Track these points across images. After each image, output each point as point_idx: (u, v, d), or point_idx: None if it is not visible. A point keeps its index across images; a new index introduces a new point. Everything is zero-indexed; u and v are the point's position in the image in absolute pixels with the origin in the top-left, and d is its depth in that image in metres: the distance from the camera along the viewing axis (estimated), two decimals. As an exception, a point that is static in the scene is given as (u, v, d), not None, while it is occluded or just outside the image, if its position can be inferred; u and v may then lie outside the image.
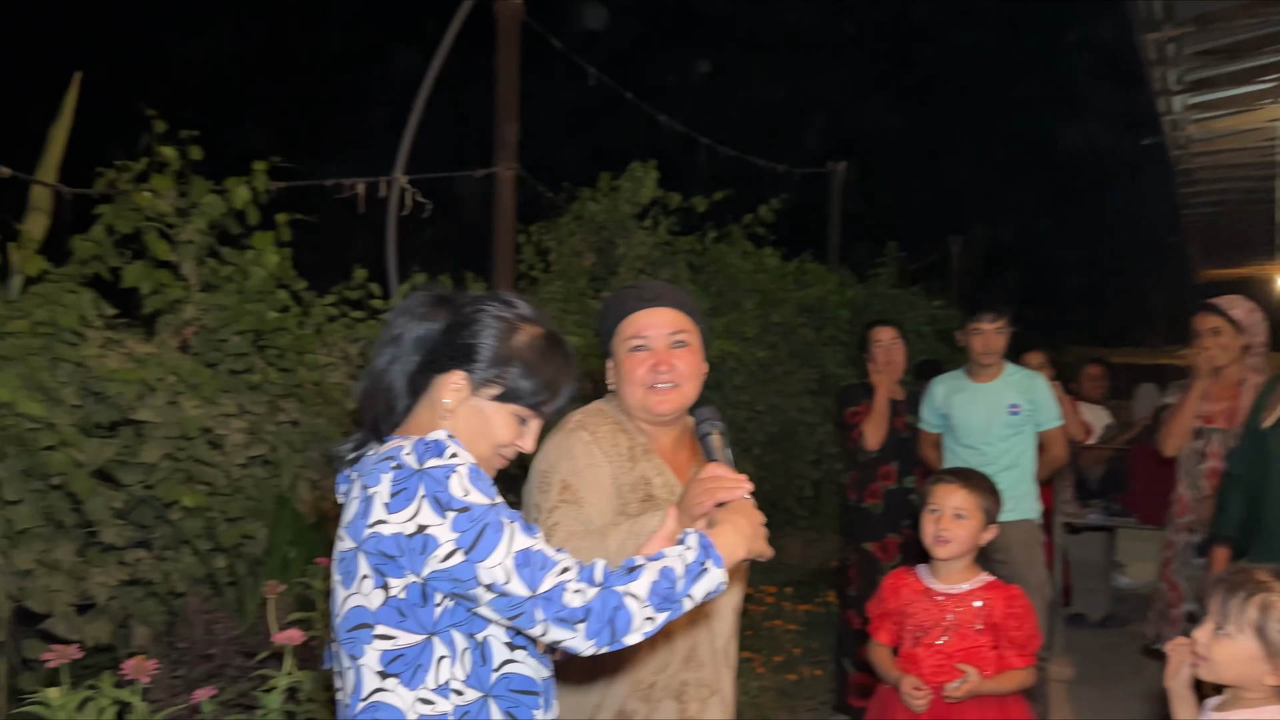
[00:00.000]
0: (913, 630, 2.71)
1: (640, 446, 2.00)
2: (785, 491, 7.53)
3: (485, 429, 1.57)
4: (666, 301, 2.02)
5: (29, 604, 2.94)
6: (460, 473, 1.45)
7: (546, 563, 1.43)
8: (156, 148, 3.76)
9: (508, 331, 1.59)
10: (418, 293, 1.64)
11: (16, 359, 2.97)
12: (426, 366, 1.59)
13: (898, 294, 9.94)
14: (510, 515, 1.46)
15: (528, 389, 1.57)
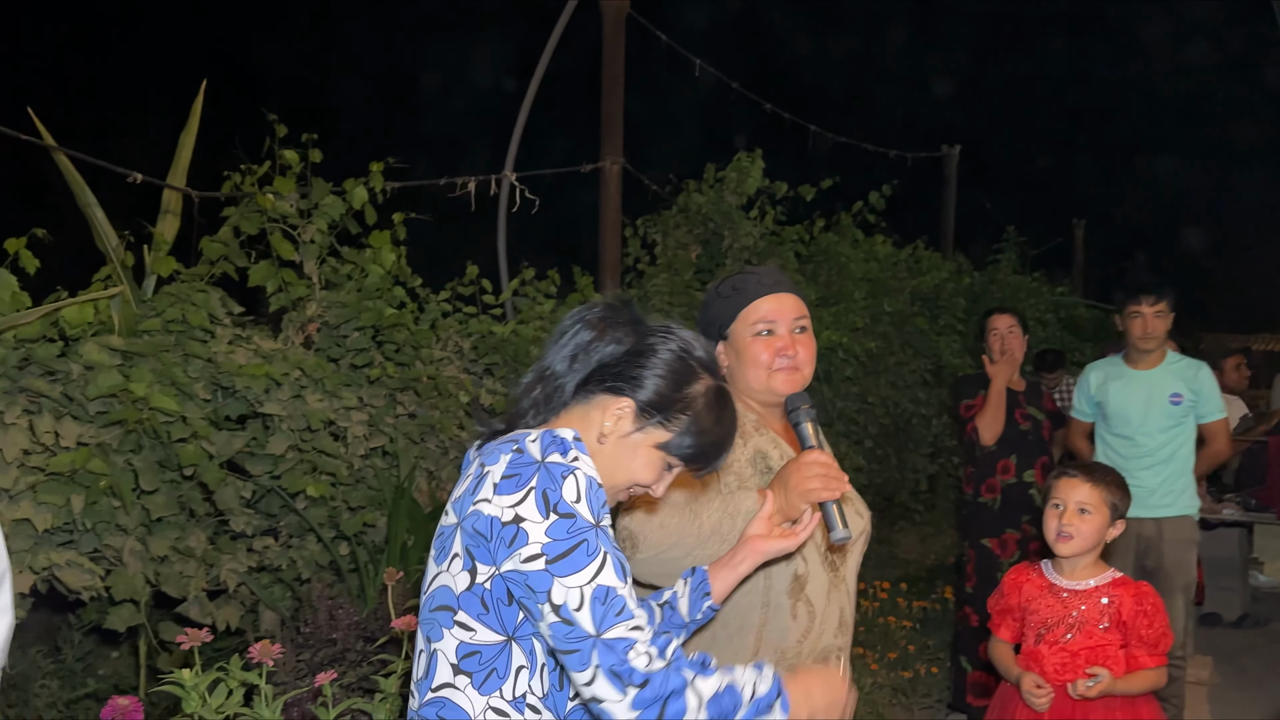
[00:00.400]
0: (1035, 627, 2.63)
1: (751, 422, 2.02)
2: (899, 485, 7.39)
3: (630, 464, 1.52)
4: (788, 288, 2.07)
5: (165, 589, 3.09)
6: (578, 478, 1.39)
7: (625, 611, 1.35)
8: (279, 151, 3.91)
9: (686, 377, 1.52)
10: (600, 304, 1.59)
11: (151, 356, 3.13)
12: (594, 381, 1.53)
13: (1018, 281, 9.63)
14: (609, 546, 1.39)
15: (689, 445, 1.52)
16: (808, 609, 1.92)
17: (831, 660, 1.94)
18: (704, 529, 1.83)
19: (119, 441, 3.02)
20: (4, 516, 2.77)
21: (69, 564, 2.88)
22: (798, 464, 1.84)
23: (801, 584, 1.92)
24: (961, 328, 8.25)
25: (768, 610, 1.90)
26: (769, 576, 1.90)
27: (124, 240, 3.49)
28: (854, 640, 4.69)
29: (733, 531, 1.82)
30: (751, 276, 2.07)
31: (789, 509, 1.84)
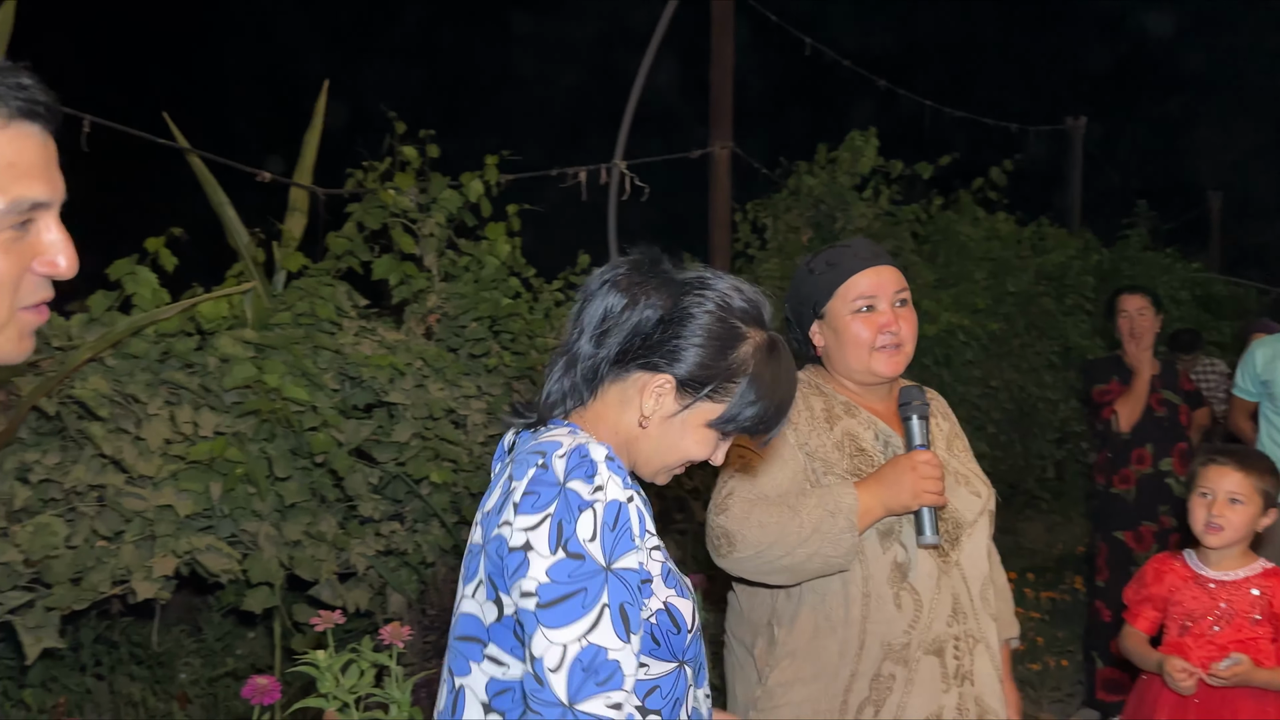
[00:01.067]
0: (1179, 619, 2.51)
1: (841, 405, 1.94)
2: (1025, 473, 7.14)
3: (680, 444, 1.35)
4: (886, 260, 1.97)
5: (298, 572, 3.21)
6: (597, 512, 1.20)
7: (611, 680, 1.16)
8: (398, 147, 4.00)
9: (730, 340, 1.32)
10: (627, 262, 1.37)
11: (282, 348, 3.24)
12: (629, 356, 1.33)
13: (1149, 257, 9.18)
14: (621, 592, 1.19)
15: (746, 416, 1.33)
16: (913, 597, 1.84)
17: (948, 651, 1.85)
18: (804, 527, 1.75)
19: (254, 430, 3.15)
20: (149, 502, 2.92)
21: (209, 548, 3.02)
22: (913, 465, 1.79)
23: (902, 571, 1.84)
24: (1090, 307, 7.91)
25: (869, 601, 1.83)
26: (866, 566, 1.83)
27: (255, 237, 3.63)
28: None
29: (833, 529, 1.75)
30: (847, 250, 1.97)
31: (894, 507, 1.80)
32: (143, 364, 3.05)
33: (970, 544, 1.92)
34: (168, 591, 2.99)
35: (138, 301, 3.10)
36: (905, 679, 1.82)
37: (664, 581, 1.30)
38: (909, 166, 6.41)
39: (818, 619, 1.84)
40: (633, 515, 1.24)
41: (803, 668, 1.84)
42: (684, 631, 1.30)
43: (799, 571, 1.78)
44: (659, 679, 1.29)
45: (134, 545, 2.94)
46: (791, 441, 1.87)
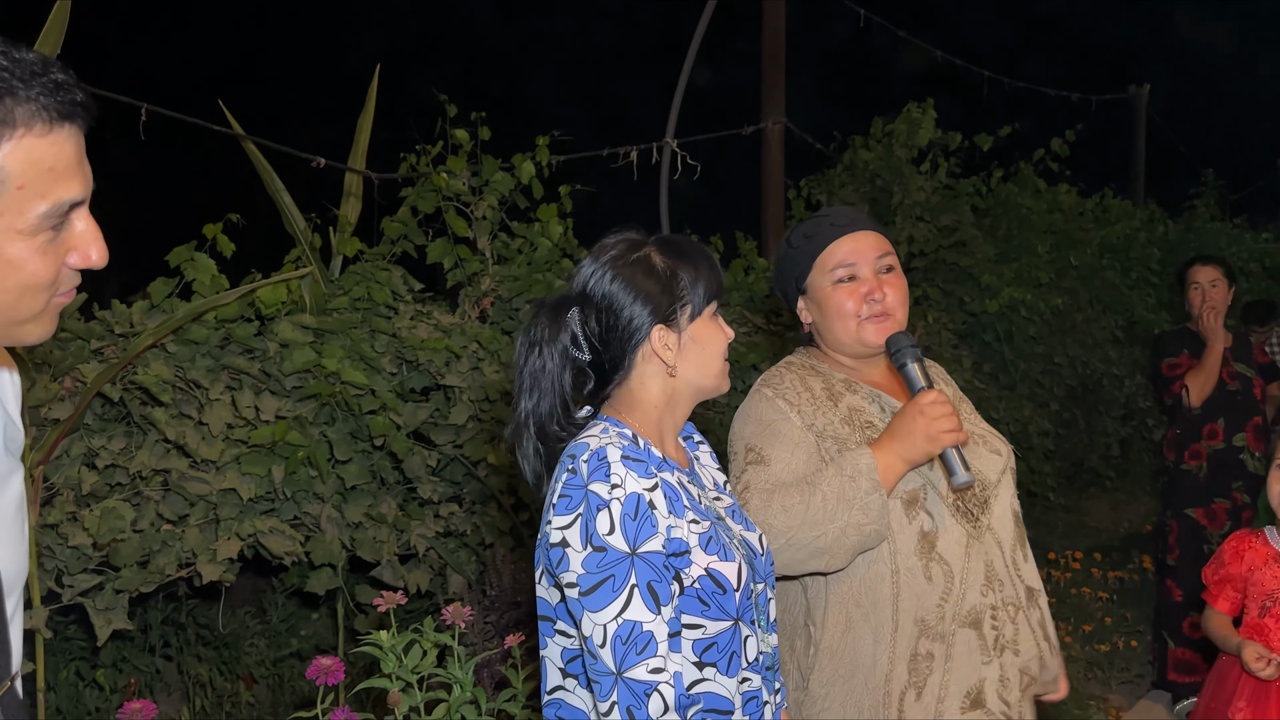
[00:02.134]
0: (1259, 599, 2.42)
1: (841, 382, 1.87)
2: (1089, 450, 6.98)
3: (708, 350, 1.53)
4: (865, 224, 1.88)
5: (360, 553, 3.24)
6: (613, 509, 1.38)
7: (649, 648, 1.35)
8: (450, 131, 4.00)
9: (646, 266, 1.50)
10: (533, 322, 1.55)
11: (340, 332, 3.26)
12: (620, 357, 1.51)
13: (1217, 228, 8.89)
14: (647, 572, 1.38)
15: (703, 288, 1.51)
16: (943, 568, 1.74)
17: (985, 622, 1.76)
18: (829, 500, 1.68)
19: (314, 414, 3.17)
20: (212, 486, 2.95)
21: (272, 531, 3.05)
22: (919, 409, 1.70)
23: (930, 541, 1.75)
24: (1156, 280, 7.69)
25: (898, 577, 1.74)
26: (893, 539, 1.74)
27: (311, 223, 3.65)
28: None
29: (857, 493, 1.67)
30: (824, 219, 1.89)
31: (914, 458, 1.71)
32: (203, 349, 3.08)
33: (998, 505, 1.83)
34: (232, 574, 3.03)
35: (197, 288, 3.13)
36: (944, 655, 1.74)
37: (704, 549, 1.44)
38: (967, 139, 6.27)
39: (848, 607, 1.76)
40: (658, 501, 1.41)
41: (840, 664, 1.76)
42: (731, 591, 1.44)
43: (835, 550, 1.69)
44: (715, 636, 1.44)
45: (198, 528, 2.99)
46: (799, 424, 1.79)
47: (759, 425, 1.82)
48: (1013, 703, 1.79)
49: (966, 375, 5.68)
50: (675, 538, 1.42)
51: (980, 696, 1.76)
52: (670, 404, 1.54)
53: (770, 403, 1.83)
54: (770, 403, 1.83)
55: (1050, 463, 6.26)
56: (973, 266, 5.95)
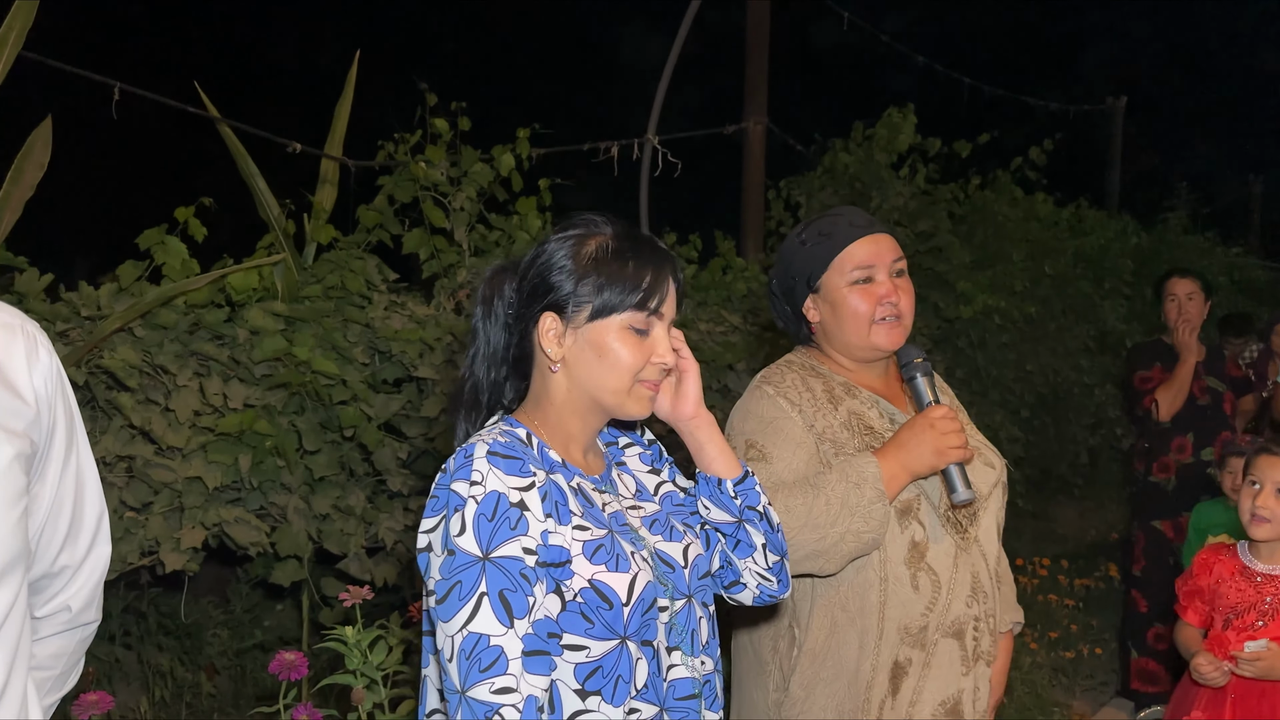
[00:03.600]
0: (1224, 612, 2.44)
1: (841, 385, 1.86)
2: (1058, 458, 7.03)
3: (604, 360, 1.37)
4: (882, 228, 1.88)
5: (326, 545, 3.20)
6: (466, 510, 1.27)
7: (495, 665, 1.22)
8: (430, 120, 3.95)
9: (576, 248, 1.39)
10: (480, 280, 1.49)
11: (312, 321, 3.22)
12: (514, 331, 1.43)
13: (1190, 241, 8.99)
14: (499, 579, 1.25)
15: (616, 293, 1.36)
16: (930, 578, 1.75)
17: (968, 633, 1.77)
18: (832, 504, 1.67)
19: (283, 403, 3.12)
20: (178, 473, 2.90)
21: (237, 521, 3.01)
22: (929, 423, 1.70)
23: (921, 551, 1.75)
24: (1128, 291, 7.76)
25: (886, 585, 1.74)
26: (884, 548, 1.74)
27: (285, 209, 3.60)
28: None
29: (860, 501, 1.67)
30: (840, 218, 1.87)
31: (919, 470, 1.71)
32: (172, 335, 3.03)
33: (986, 519, 1.84)
34: (196, 563, 2.98)
35: (167, 272, 3.08)
36: (921, 663, 1.75)
37: (588, 558, 1.32)
38: (946, 145, 6.29)
39: (834, 611, 1.76)
40: (531, 501, 1.29)
41: (823, 668, 1.76)
42: (618, 606, 1.31)
43: (833, 555, 1.69)
44: (600, 659, 1.31)
45: (162, 516, 2.93)
46: (800, 424, 1.79)
47: (760, 422, 1.81)
48: (980, 712, 1.80)
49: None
50: (554, 545, 1.30)
51: (957, 707, 1.77)
52: (571, 407, 1.42)
53: (772, 400, 1.82)
54: (772, 400, 1.82)
55: (1019, 469, 6.30)
56: (948, 272, 5.97)
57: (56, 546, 1.30)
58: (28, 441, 1.19)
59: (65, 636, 1.34)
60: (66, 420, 1.28)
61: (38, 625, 1.31)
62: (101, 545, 1.35)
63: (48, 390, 1.23)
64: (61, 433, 1.26)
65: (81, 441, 1.31)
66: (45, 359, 1.24)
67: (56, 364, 1.26)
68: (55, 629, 1.33)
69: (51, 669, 1.33)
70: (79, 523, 1.31)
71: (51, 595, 1.32)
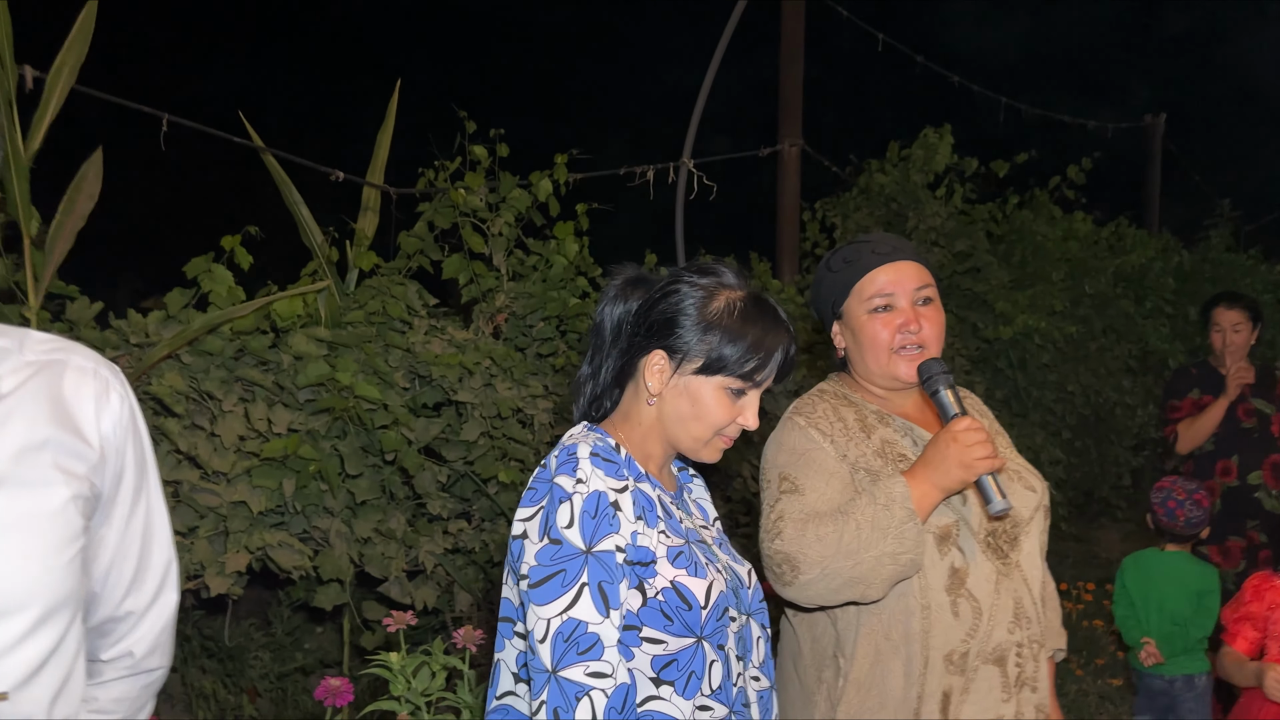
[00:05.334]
0: (1278, 638, 2.40)
1: (874, 414, 1.84)
2: (1100, 480, 6.93)
3: (696, 409, 1.47)
4: (907, 254, 1.85)
5: (368, 569, 3.22)
6: (574, 503, 1.36)
7: (592, 650, 1.31)
8: (469, 147, 4.00)
9: (705, 300, 1.47)
10: (612, 277, 1.57)
11: (355, 346, 3.25)
12: (627, 351, 1.52)
13: (1232, 259, 8.84)
14: (599, 571, 1.34)
15: (733, 356, 1.45)
16: (971, 604, 1.72)
17: (1009, 659, 1.73)
18: (863, 528, 1.64)
19: (326, 428, 3.16)
20: (223, 498, 2.94)
21: (281, 544, 3.04)
22: (952, 436, 1.67)
23: (961, 578, 1.72)
24: (1170, 310, 7.66)
25: (929, 613, 1.71)
26: (924, 575, 1.71)
27: (328, 236, 3.66)
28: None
29: (891, 522, 1.64)
30: (865, 245, 1.86)
31: (949, 485, 1.68)
32: (218, 361, 3.07)
33: (1028, 543, 1.81)
34: (240, 587, 3.01)
35: (214, 299, 3.13)
36: (961, 689, 1.72)
37: (671, 562, 1.40)
38: (984, 165, 6.26)
39: (878, 640, 1.74)
40: (625, 503, 1.38)
41: (869, 697, 1.73)
42: (697, 608, 1.39)
43: (871, 580, 1.66)
44: (676, 653, 1.39)
45: (207, 540, 2.97)
46: (833, 454, 1.77)
47: (792, 454, 1.80)
48: None
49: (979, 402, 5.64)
50: (642, 545, 1.39)
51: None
52: (655, 435, 1.51)
53: (803, 432, 1.81)
54: (803, 432, 1.81)
55: (1061, 492, 6.21)
56: (987, 293, 5.93)
57: (122, 591, 1.30)
58: (88, 484, 1.20)
59: (128, 682, 1.34)
60: (137, 465, 1.28)
61: (102, 669, 1.32)
62: (169, 592, 1.36)
63: (116, 435, 1.24)
64: (131, 477, 1.27)
65: (154, 487, 1.32)
66: (116, 403, 1.25)
67: (130, 408, 1.27)
68: (118, 673, 1.33)
69: (113, 713, 1.33)
70: (145, 568, 1.32)
71: (117, 639, 1.32)
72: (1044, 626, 1.83)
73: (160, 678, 1.39)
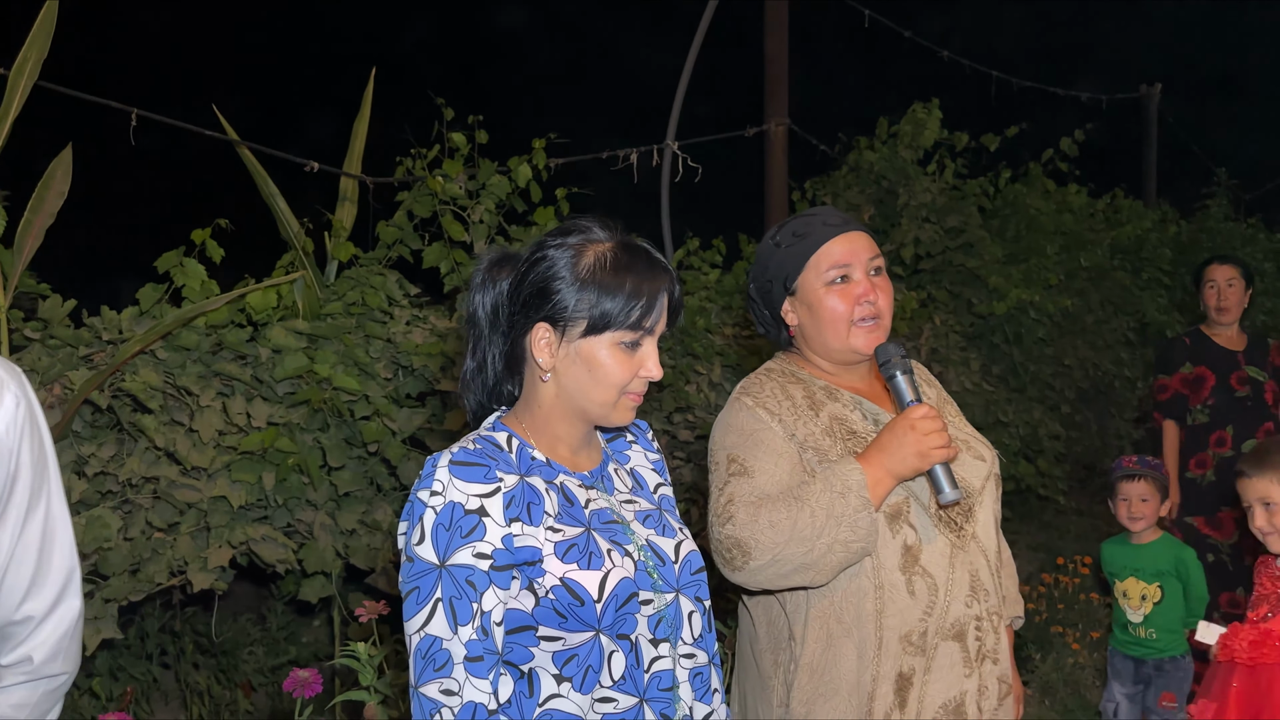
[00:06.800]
0: (1251, 603, 2.44)
1: (822, 389, 1.82)
2: (1101, 453, 6.89)
3: (594, 373, 1.41)
4: (857, 226, 1.84)
5: (354, 561, 3.20)
6: (425, 519, 1.34)
7: (445, 668, 1.31)
8: (447, 134, 3.97)
9: (574, 259, 1.40)
10: (476, 264, 1.51)
11: (334, 338, 3.23)
12: (509, 334, 1.46)
13: (1231, 228, 8.79)
14: (450, 589, 1.32)
15: (616, 308, 1.39)
16: (926, 581, 1.70)
17: (969, 634, 1.72)
18: (818, 516, 1.63)
19: (306, 420, 3.14)
20: (203, 493, 2.92)
21: (264, 538, 3.02)
22: (910, 424, 1.65)
23: (914, 555, 1.70)
24: (1168, 281, 7.60)
25: (883, 593, 1.69)
26: (876, 554, 1.69)
27: (305, 227, 3.63)
28: (1053, 618, 4.33)
29: (846, 510, 1.63)
30: (814, 218, 1.84)
31: (903, 473, 1.66)
32: (194, 356, 3.05)
33: (982, 513, 1.79)
34: (224, 582, 3.00)
35: (187, 294, 3.11)
36: (924, 669, 1.70)
37: (560, 558, 1.37)
38: (974, 139, 6.20)
39: (829, 623, 1.71)
40: (493, 507, 1.35)
41: (821, 682, 1.71)
42: (590, 603, 1.36)
43: (821, 567, 1.65)
44: (576, 648, 1.37)
45: (189, 536, 2.96)
46: (781, 433, 1.75)
47: (740, 435, 1.77)
48: (988, 711, 1.74)
49: (975, 378, 5.60)
50: (523, 545, 1.36)
51: (960, 708, 1.72)
52: (558, 413, 1.46)
53: (751, 412, 1.79)
54: (751, 412, 1.79)
55: (1061, 466, 6.18)
56: (980, 268, 5.89)
57: (19, 595, 1.28)
58: None
59: (27, 688, 1.31)
60: (35, 467, 1.25)
61: (1, 674, 1.30)
62: (71, 598, 1.34)
63: (9, 436, 1.21)
64: (26, 481, 1.24)
65: (55, 491, 1.29)
66: (10, 405, 1.22)
67: (28, 410, 1.24)
68: (17, 679, 1.31)
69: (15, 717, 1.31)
70: (45, 573, 1.29)
71: (15, 645, 1.30)
72: (1002, 596, 1.81)
73: (64, 684, 1.36)
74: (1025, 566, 5.34)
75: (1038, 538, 5.93)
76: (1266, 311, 8.00)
